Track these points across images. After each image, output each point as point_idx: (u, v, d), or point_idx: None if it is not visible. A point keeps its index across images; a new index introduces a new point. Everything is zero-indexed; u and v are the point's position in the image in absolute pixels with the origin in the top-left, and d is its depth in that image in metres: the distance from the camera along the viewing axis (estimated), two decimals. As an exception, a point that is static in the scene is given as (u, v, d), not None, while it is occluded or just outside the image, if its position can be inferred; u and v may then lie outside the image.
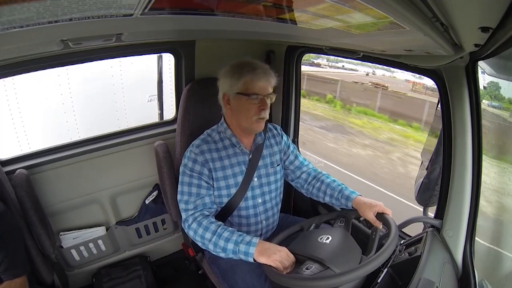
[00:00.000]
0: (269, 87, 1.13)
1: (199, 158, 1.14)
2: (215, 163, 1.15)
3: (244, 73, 1.09)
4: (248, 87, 1.09)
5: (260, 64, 1.13)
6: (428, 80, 1.02)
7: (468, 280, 0.94)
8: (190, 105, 1.40)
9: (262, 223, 1.25)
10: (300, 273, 0.88)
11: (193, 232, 1.09)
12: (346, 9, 0.47)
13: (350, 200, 1.14)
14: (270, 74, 1.13)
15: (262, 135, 1.25)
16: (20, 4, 0.33)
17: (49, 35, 0.53)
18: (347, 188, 1.20)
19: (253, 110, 1.11)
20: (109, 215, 1.69)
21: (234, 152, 1.19)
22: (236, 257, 1.01)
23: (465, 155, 0.93)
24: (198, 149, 1.15)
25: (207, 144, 1.17)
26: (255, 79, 1.09)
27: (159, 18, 0.51)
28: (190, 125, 1.40)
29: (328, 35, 0.76)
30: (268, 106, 1.13)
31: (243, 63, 1.13)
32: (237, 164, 1.18)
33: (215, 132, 1.21)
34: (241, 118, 1.14)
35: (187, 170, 1.14)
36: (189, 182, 1.13)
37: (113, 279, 1.67)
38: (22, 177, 1.30)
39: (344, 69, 9.58)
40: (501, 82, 1.14)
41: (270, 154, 1.27)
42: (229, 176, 1.17)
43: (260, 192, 1.23)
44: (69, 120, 2.37)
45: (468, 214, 0.95)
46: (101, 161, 1.58)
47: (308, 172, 1.32)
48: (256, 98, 1.10)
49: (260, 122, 1.13)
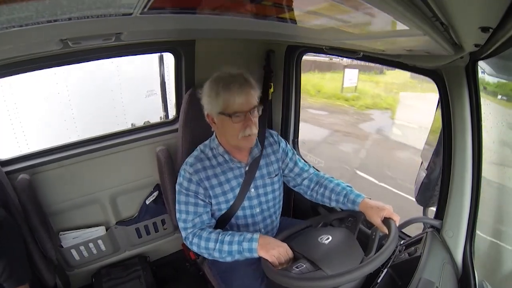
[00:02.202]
0: (251, 100, 1.05)
1: (194, 178, 1.12)
2: (211, 181, 1.13)
3: (220, 91, 1.04)
4: (228, 106, 1.03)
5: (236, 77, 1.05)
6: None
7: (468, 281, 0.94)
8: (191, 110, 1.37)
9: (260, 231, 1.24)
10: (290, 270, 0.89)
11: (197, 247, 1.10)
12: (346, 9, 0.47)
13: (357, 204, 1.11)
14: (248, 86, 1.05)
15: (259, 147, 1.21)
16: (19, 3, 0.33)
17: (49, 34, 0.53)
18: (352, 191, 1.16)
19: (238, 128, 1.05)
20: (109, 215, 1.69)
21: (229, 167, 1.17)
22: (243, 257, 1.03)
23: (465, 155, 0.93)
24: (192, 169, 1.13)
25: (201, 162, 1.14)
26: (232, 97, 1.02)
27: (159, 18, 0.51)
28: (192, 130, 1.38)
29: (328, 34, 0.76)
30: (254, 121, 1.06)
31: (218, 78, 1.07)
32: (234, 178, 1.17)
33: (208, 148, 1.18)
34: (228, 137, 1.11)
35: (183, 189, 1.13)
36: (186, 201, 1.13)
37: (113, 279, 1.67)
38: (24, 182, 1.30)
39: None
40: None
41: (267, 164, 1.24)
42: (227, 191, 1.16)
43: (257, 202, 1.21)
44: (67, 119, 2.36)
45: (468, 215, 0.95)
46: (102, 161, 1.58)
47: (309, 178, 1.29)
48: (238, 116, 1.04)
49: (247, 139, 1.08)
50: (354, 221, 1.08)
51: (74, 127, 2.35)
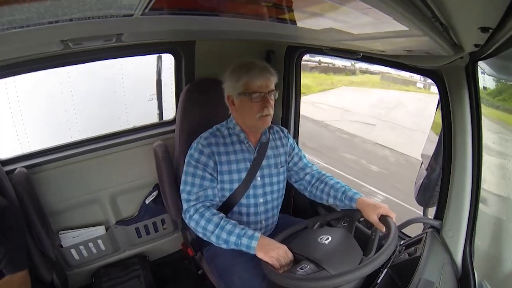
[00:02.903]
0: (269, 84, 1.14)
1: (206, 150, 1.16)
2: (221, 157, 1.17)
3: (241, 75, 1.13)
4: (248, 87, 1.12)
5: (256, 63, 1.16)
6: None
7: (467, 281, 0.94)
8: (189, 106, 1.40)
9: (261, 223, 1.25)
10: (295, 272, 0.88)
11: (195, 223, 1.10)
12: (346, 9, 0.47)
13: (354, 201, 1.14)
14: (267, 72, 1.15)
15: (266, 134, 1.26)
16: (20, 5, 0.33)
17: (50, 35, 0.53)
18: (351, 189, 1.20)
19: (255, 108, 1.13)
20: (109, 215, 1.69)
21: (240, 148, 1.21)
22: (238, 248, 1.03)
23: (465, 155, 0.93)
24: (206, 141, 1.17)
25: (215, 137, 1.19)
26: (252, 79, 1.12)
27: (159, 19, 0.51)
28: (189, 125, 1.40)
29: (328, 35, 0.76)
30: (270, 103, 1.15)
31: (241, 64, 1.16)
32: (242, 160, 1.20)
33: (224, 128, 1.24)
34: (246, 117, 1.17)
35: (192, 160, 1.16)
36: (193, 172, 1.15)
37: (112, 278, 1.67)
38: (21, 175, 1.30)
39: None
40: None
41: (275, 155, 1.28)
42: (234, 171, 1.19)
43: (262, 191, 1.23)
44: (70, 119, 2.36)
45: (468, 215, 0.95)
46: (101, 160, 1.58)
47: (311, 174, 1.33)
48: (258, 96, 1.12)
49: (264, 119, 1.15)
50: (351, 221, 1.09)
51: (76, 128, 2.36)
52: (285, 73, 1.68)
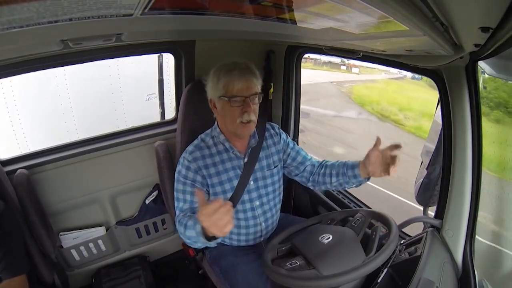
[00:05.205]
0: (251, 86, 1.06)
1: (192, 166, 1.12)
2: (209, 169, 1.13)
3: (221, 76, 1.06)
4: (228, 89, 1.05)
5: (238, 64, 1.08)
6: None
7: (468, 280, 0.94)
8: (190, 106, 1.40)
9: (261, 225, 1.24)
10: (282, 267, 0.90)
11: (182, 235, 1.03)
12: (346, 9, 0.47)
13: (356, 166, 1.10)
14: (250, 73, 1.07)
15: (256, 137, 1.20)
16: (20, 4, 0.33)
17: (49, 35, 0.53)
18: (350, 161, 1.17)
19: (236, 113, 1.06)
20: (109, 215, 1.69)
21: (228, 157, 1.17)
22: (205, 244, 0.95)
23: (465, 155, 0.93)
24: (191, 156, 1.13)
25: (200, 150, 1.15)
26: (232, 81, 1.04)
27: (159, 18, 0.51)
28: (190, 125, 1.40)
29: (328, 35, 0.76)
30: (252, 107, 1.07)
31: (222, 65, 1.09)
32: (232, 169, 1.17)
33: (209, 137, 1.19)
34: (227, 122, 1.11)
35: (180, 177, 1.13)
36: (183, 189, 1.12)
37: (113, 279, 1.67)
38: (22, 177, 1.30)
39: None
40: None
41: (266, 156, 1.24)
42: (224, 181, 1.16)
43: (257, 195, 1.21)
44: (68, 120, 2.36)
45: (468, 214, 0.95)
46: (101, 161, 1.58)
47: (312, 164, 1.29)
48: (238, 100, 1.05)
49: (244, 126, 1.08)
50: (361, 222, 1.04)
51: (75, 129, 2.36)
52: (285, 73, 1.68)
